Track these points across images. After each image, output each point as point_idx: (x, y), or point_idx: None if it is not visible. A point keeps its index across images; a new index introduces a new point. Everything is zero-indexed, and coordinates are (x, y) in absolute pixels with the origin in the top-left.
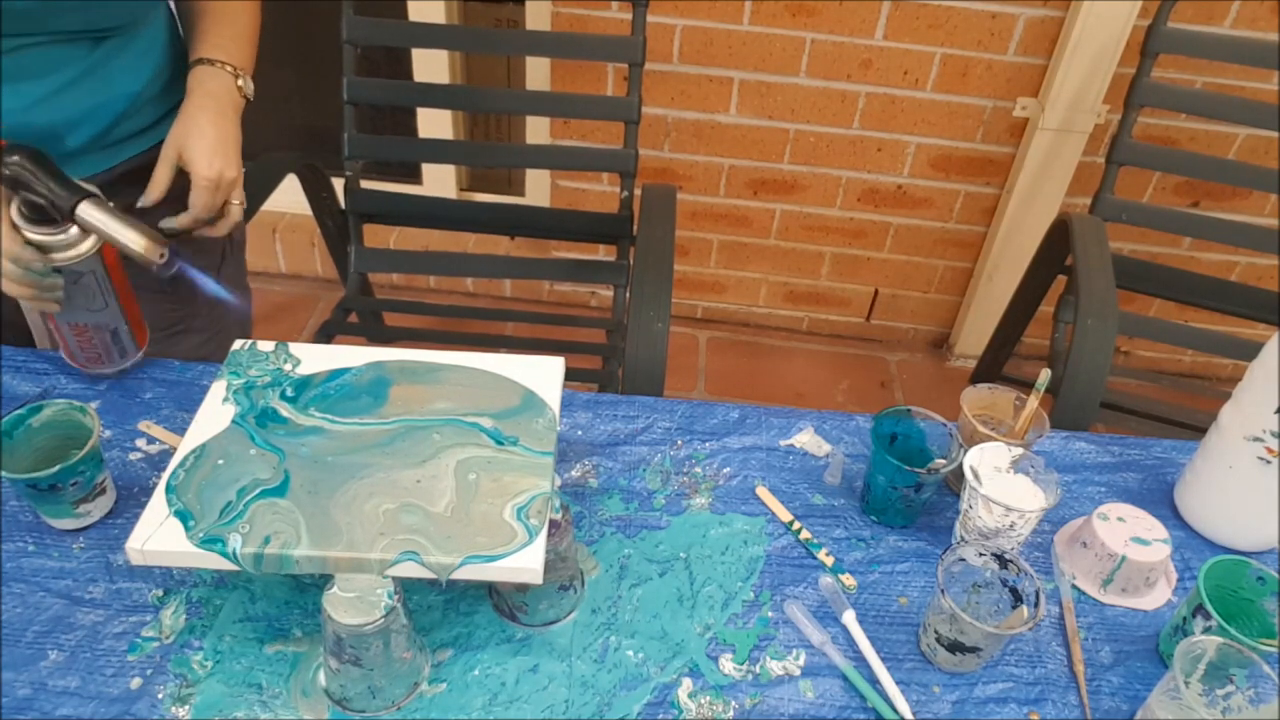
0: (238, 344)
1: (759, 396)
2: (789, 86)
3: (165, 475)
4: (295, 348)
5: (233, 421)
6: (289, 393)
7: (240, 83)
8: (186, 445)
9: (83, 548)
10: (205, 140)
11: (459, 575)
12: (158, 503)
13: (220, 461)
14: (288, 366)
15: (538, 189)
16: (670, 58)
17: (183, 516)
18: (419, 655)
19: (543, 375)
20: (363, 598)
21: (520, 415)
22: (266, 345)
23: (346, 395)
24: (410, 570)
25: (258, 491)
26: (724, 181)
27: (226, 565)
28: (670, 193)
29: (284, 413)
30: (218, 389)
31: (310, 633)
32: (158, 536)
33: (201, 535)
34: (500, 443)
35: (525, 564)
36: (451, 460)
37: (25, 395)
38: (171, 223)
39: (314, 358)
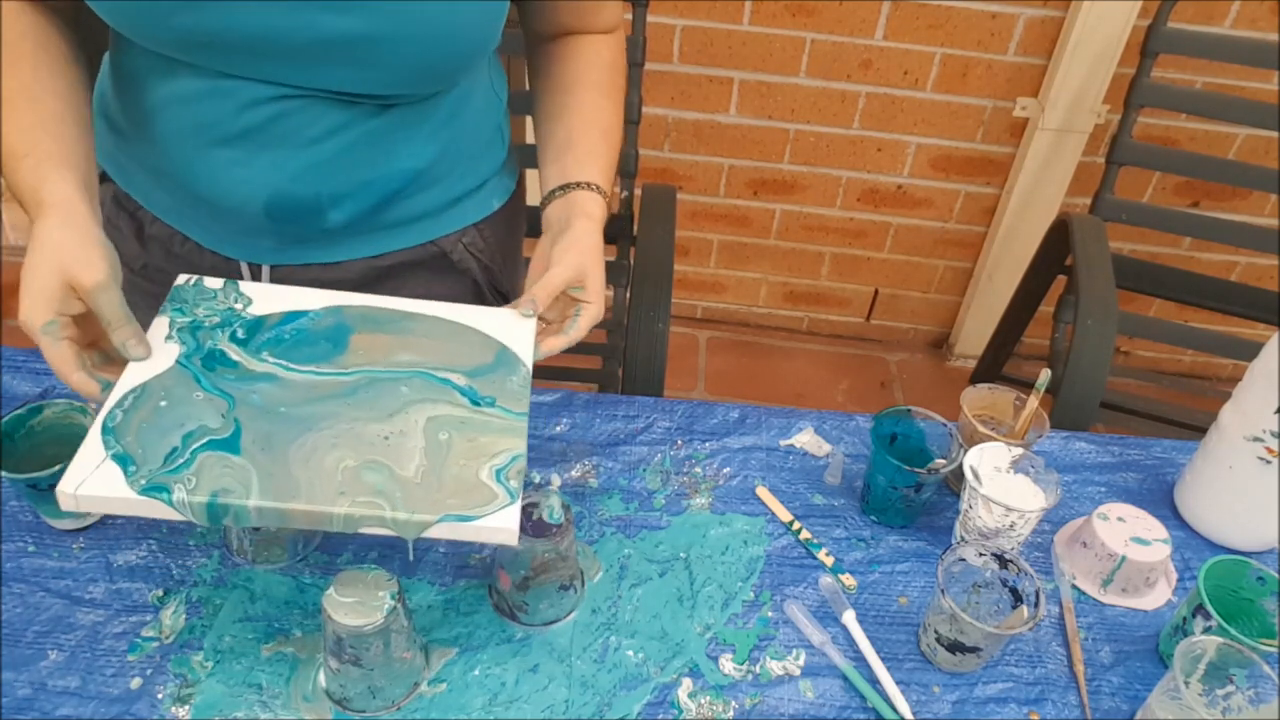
0: (181, 279)
1: (759, 396)
2: (789, 86)
3: (101, 415)
4: (246, 286)
5: (177, 362)
6: (239, 334)
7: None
8: (124, 384)
9: (83, 548)
10: (602, 276)
11: (432, 534)
12: (93, 444)
13: (163, 403)
14: (239, 306)
15: (537, 189)
16: (670, 58)
17: (122, 460)
18: (419, 655)
19: (513, 329)
20: (363, 600)
21: (494, 373)
22: (214, 282)
23: (303, 340)
24: (377, 527)
25: (205, 440)
26: (724, 181)
27: (170, 514)
28: (670, 193)
29: (234, 356)
30: (159, 325)
31: (310, 633)
32: (93, 481)
33: (144, 482)
34: (477, 403)
35: (503, 524)
36: (421, 416)
37: (25, 395)
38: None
39: (267, 298)
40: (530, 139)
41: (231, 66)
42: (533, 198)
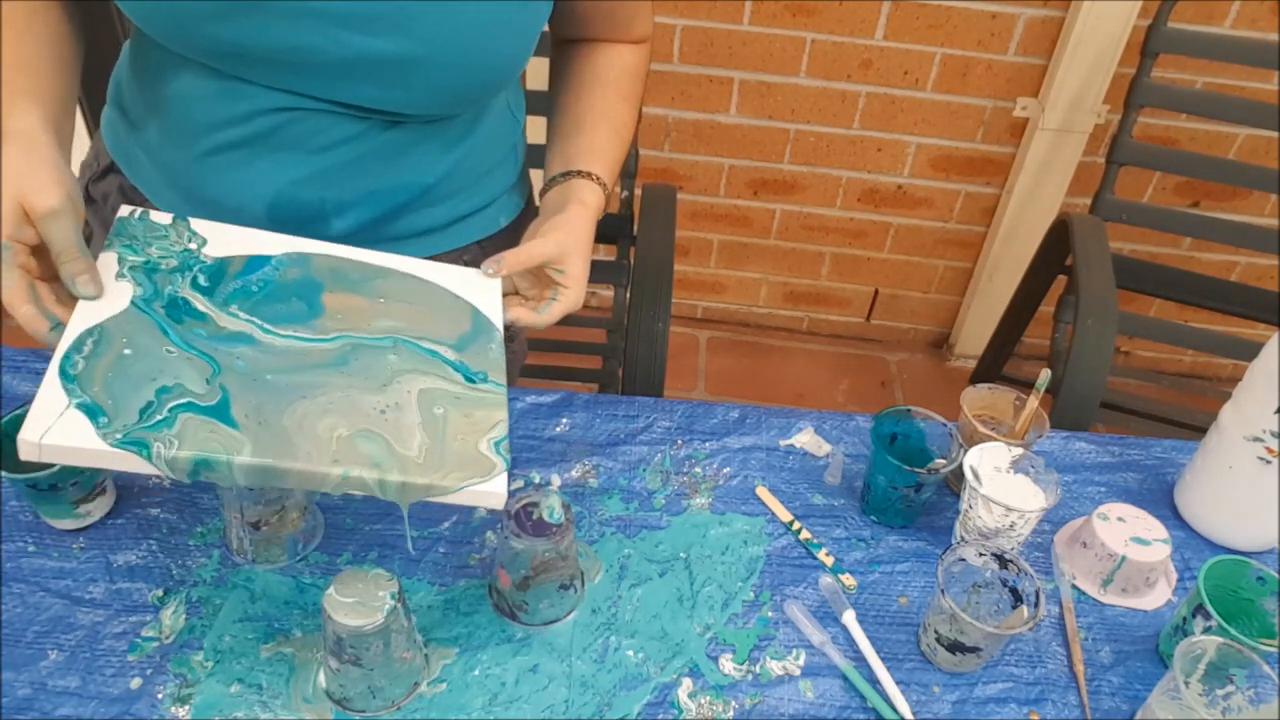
0: (125, 210)
1: (759, 396)
2: (789, 86)
3: (56, 358)
4: (198, 224)
5: (132, 303)
6: (201, 281)
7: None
8: (77, 324)
9: (83, 548)
10: (585, 264)
11: (431, 498)
12: (52, 391)
13: (127, 351)
14: (193, 246)
15: (537, 189)
16: (670, 58)
17: (90, 411)
18: (419, 655)
19: (479, 290)
20: (363, 600)
21: (476, 343)
22: (163, 217)
23: (273, 295)
24: (366, 487)
25: (186, 401)
26: (724, 181)
27: (144, 468)
28: (670, 193)
29: (199, 306)
30: (107, 261)
31: (310, 633)
32: (59, 429)
33: (119, 436)
34: (471, 379)
35: (494, 489)
36: (413, 388)
37: (25, 395)
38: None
39: (222, 237)
40: (543, 139)
41: (254, 74)
42: (535, 197)
